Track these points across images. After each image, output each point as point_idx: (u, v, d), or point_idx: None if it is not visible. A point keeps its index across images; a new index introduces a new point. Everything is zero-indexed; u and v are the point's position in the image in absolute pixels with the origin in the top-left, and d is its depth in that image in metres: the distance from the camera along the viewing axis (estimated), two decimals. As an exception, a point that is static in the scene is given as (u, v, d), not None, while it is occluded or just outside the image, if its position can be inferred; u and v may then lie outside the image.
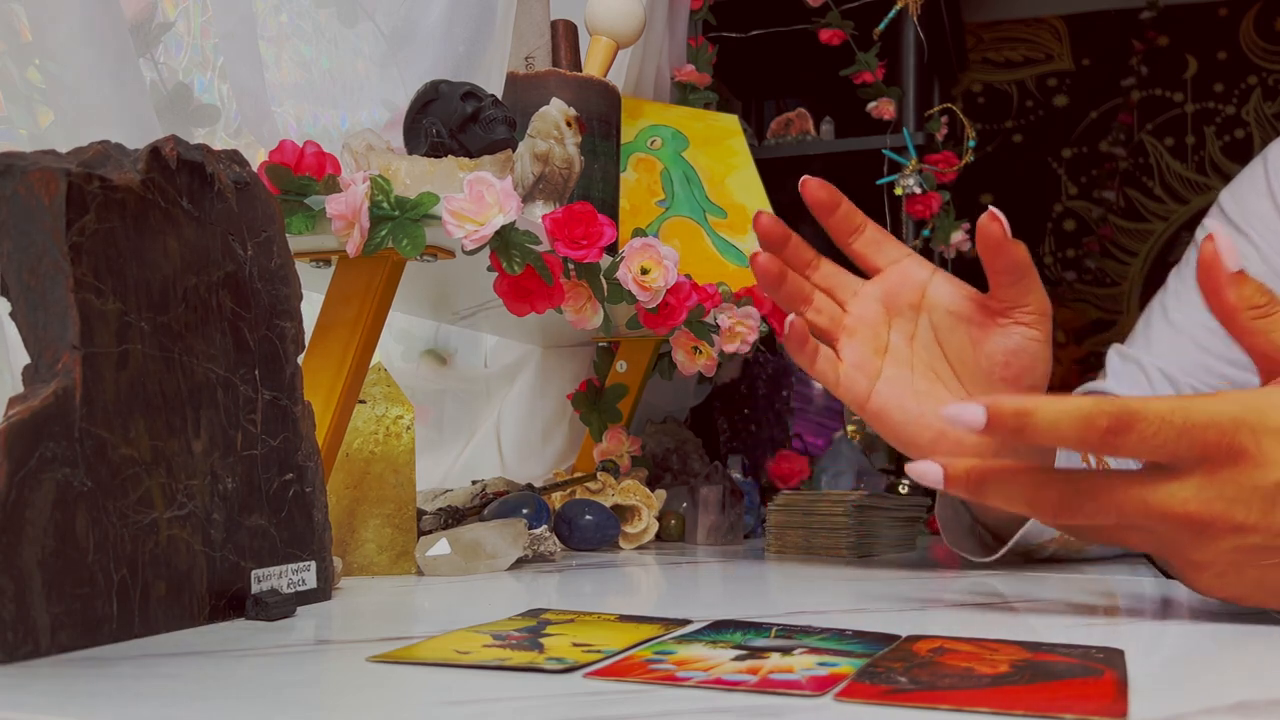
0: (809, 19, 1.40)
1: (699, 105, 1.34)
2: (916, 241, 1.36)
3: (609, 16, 0.93)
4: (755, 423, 1.30)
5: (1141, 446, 0.45)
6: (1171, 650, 0.45)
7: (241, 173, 0.51)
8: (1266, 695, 0.35)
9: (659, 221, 1.12)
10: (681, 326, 0.87)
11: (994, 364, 0.62)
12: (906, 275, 0.65)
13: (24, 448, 0.38)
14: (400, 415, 0.70)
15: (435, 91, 0.70)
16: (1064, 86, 2.83)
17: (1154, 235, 2.76)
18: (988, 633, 0.45)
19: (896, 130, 1.36)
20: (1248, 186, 0.93)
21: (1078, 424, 0.45)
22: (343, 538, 0.67)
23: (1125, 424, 0.45)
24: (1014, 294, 0.60)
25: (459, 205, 0.63)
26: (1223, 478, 0.45)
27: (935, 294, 0.64)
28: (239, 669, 0.38)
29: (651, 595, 0.65)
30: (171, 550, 0.45)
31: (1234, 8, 2.70)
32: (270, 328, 0.52)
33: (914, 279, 0.65)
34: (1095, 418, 0.45)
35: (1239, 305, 0.50)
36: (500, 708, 0.33)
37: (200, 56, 0.91)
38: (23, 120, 0.74)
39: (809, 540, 0.86)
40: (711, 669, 0.37)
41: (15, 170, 0.41)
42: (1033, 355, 0.61)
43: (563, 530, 0.87)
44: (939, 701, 0.33)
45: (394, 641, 0.43)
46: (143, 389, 0.44)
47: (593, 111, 0.89)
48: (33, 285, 0.41)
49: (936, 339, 0.64)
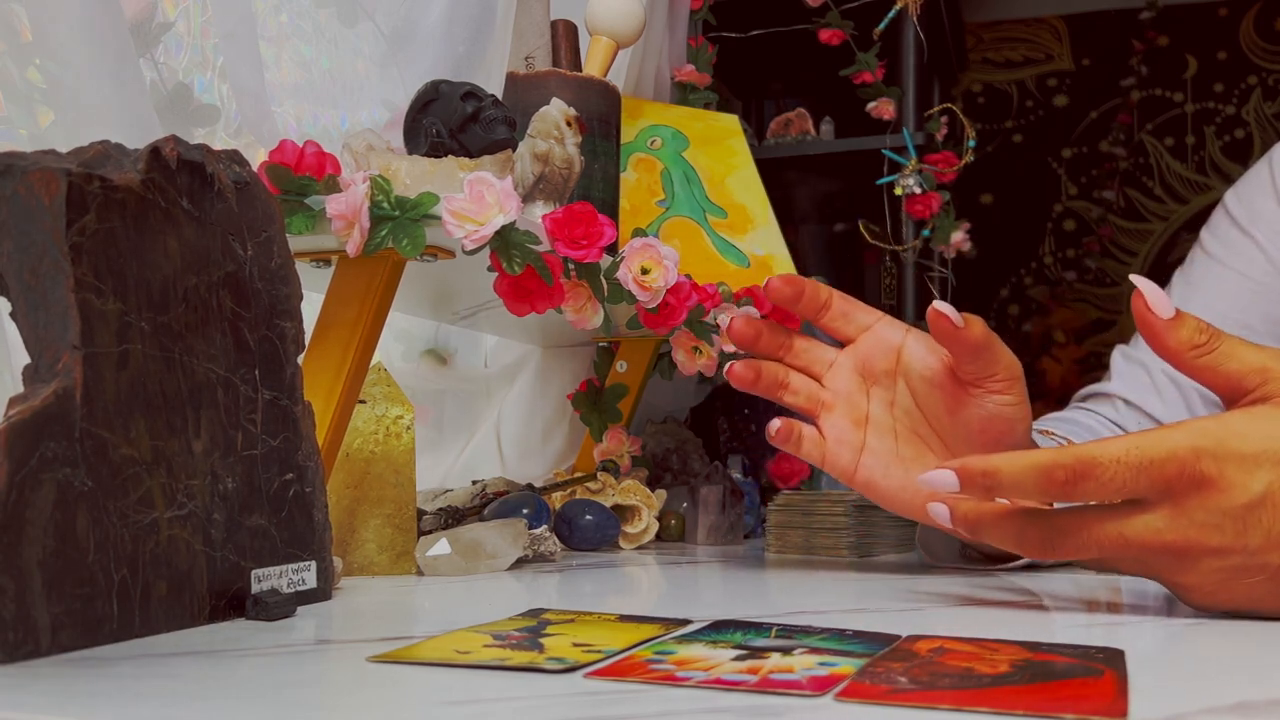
0: (809, 19, 1.40)
1: (699, 105, 1.34)
2: (916, 241, 1.36)
3: (609, 16, 0.92)
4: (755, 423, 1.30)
5: (1101, 491, 0.47)
6: (1171, 650, 0.45)
7: (241, 173, 0.51)
8: (1266, 695, 0.35)
9: (659, 221, 1.12)
10: (681, 326, 0.87)
11: (971, 431, 0.62)
12: (879, 341, 0.65)
13: (24, 448, 0.38)
14: (400, 415, 0.70)
15: (435, 91, 0.70)
16: (1064, 86, 2.83)
17: (1154, 235, 2.76)
18: (988, 633, 0.45)
19: (896, 130, 1.36)
20: (1254, 187, 0.93)
21: (1039, 478, 0.48)
22: (343, 538, 0.67)
23: (1081, 473, 0.47)
24: (979, 368, 0.61)
25: (459, 205, 0.63)
26: (1192, 505, 0.47)
27: (909, 358, 0.64)
28: (239, 669, 0.38)
29: (651, 595, 0.65)
30: (172, 550, 0.45)
31: (1234, 8, 2.70)
32: (270, 328, 0.52)
33: (887, 343, 0.65)
34: (1053, 470, 0.47)
35: (1181, 348, 0.51)
36: (500, 708, 0.33)
37: (200, 56, 0.91)
38: (23, 120, 0.74)
39: (809, 540, 0.86)
40: (711, 669, 0.37)
41: (15, 170, 0.41)
42: (1009, 419, 0.62)
43: (563, 530, 0.87)
44: (939, 701, 0.33)
45: (394, 641, 0.43)
46: (143, 389, 0.44)
47: (593, 111, 0.89)
48: (33, 285, 0.41)
49: (916, 404, 0.64)
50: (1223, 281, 0.91)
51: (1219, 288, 0.91)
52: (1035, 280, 2.83)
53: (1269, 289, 0.90)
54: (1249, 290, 0.91)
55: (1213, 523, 0.47)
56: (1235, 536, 0.47)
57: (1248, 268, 0.91)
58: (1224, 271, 0.92)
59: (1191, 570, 0.48)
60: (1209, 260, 0.93)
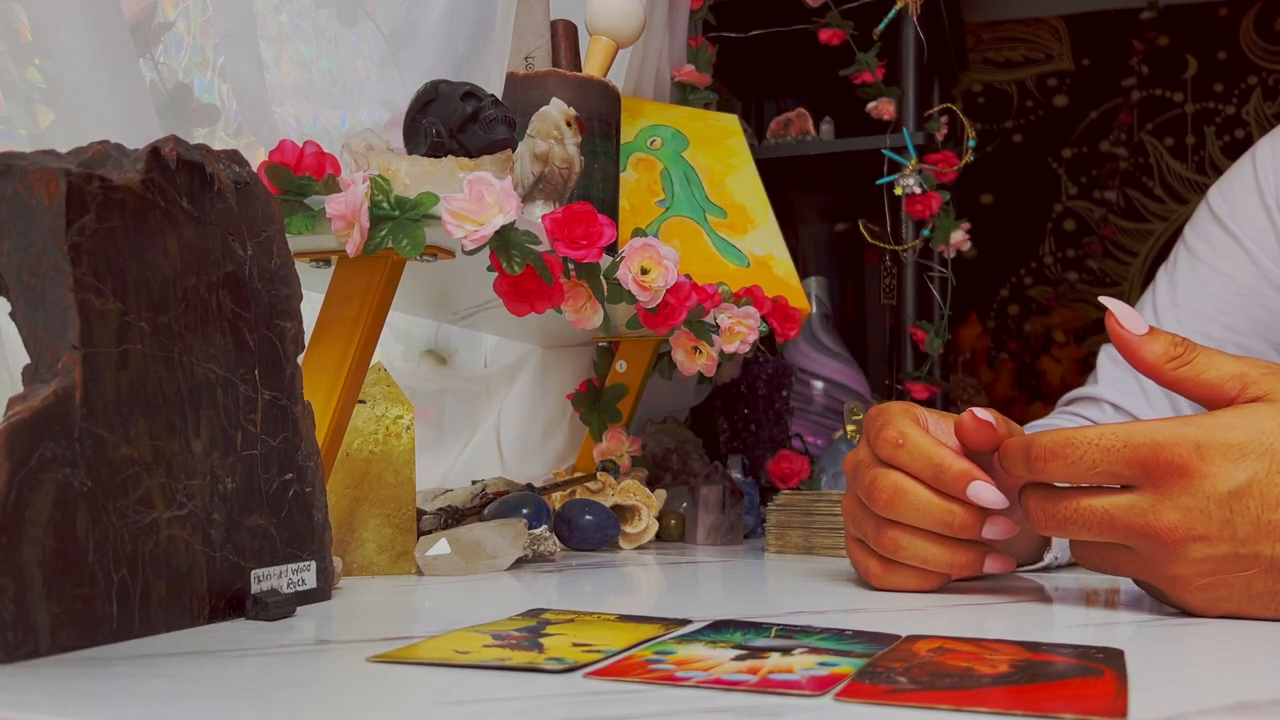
0: (809, 19, 1.40)
1: (699, 105, 1.34)
2: (917, 241, 1.36)
3: (609, 16, 0.92)
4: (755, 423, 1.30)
5: (1072, 471, 0.50)
6: (1171, 650, 0.45)
7: (241, 173, 0.51)
8: (1266, 695, 0.35)
9: (659, 221, 1.12)
10: (681, 326, 0.87)
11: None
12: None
13: (24, 448, 0.38)
14: (400, 415, 0.70)
15: (435, 91, 0.70)
16: (1064, 86, 2.83)
17: (1154, 235, 2.76)
18: (988, 633, 0.45)
19: (896, 130, 1.36)
20: (1237, 185, 0.93)
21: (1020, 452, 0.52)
22: (343, 538, 0.67)
23: (1051, 452, 0.50)
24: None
25: (459, 205, 0.63)
26: (1174, 490, 0.48)
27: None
28: (239, 669, 0.38)
29: (651, 595, 0.65)
30: (171, 550, 0.45)
31: (1234, 8, 2.70)
32: (270, 328, 0.52)
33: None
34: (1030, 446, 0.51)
35: (1157, 362, 0.52)
36: (500, 708, 0.33)
37: (200, 56, 0.91)
38: (23, 120, 0.74)
39: (809, 540, 0.86)
40: (711, 669, 0.37)
41: (15, 170, 0.41)
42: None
43: (563, 530, 0.87)
44: (939, 701, 0.33)
45: (394, 641, 0.43)
46: (143, 389, 0.44)
47: (593, 111, 0.89)
48: (33, 285, 0.41)
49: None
50: (1208, 284, 0.91)
51: (1204, 290, 0.91)
52: (1035, 280, 2.83)
53: (1254, 291, 0.90)
54: (1233, 292, 0.90)
55: (1198, 508, 0.47)
56: (1221, 524, 0.47)
57: (1233, 270, 0.90)
58: (1209, 273, 0.91)
59: (1179, 559, 0.48)
60: (1194, 261, 0.93)
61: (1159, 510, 0.48)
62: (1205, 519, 0.47)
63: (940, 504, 0.57)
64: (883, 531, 0.59)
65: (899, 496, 0.57)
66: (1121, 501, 0.49)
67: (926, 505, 0.57)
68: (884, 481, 0.58)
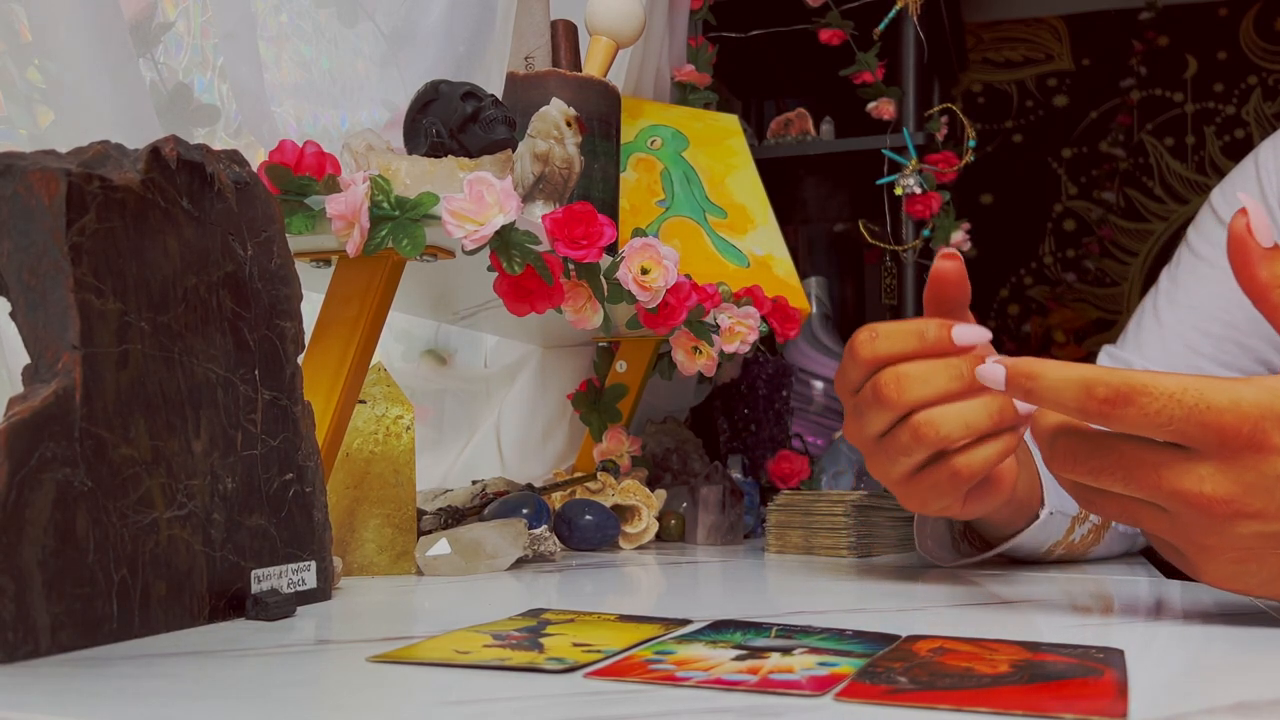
0: (809, 19, 1.40)
1: (699, 105, 1.34)
2: (917, 241, 1.36)
3: (609, 16, 0.92)
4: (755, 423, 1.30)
5: (1144, 422, 0.44)
6: (1171, 650, 0.45)
7: (241, 173, 0.51)
8: (1266, 695, 0.35)
9: (659, 221, 1.12)
10: (681, 326, 0.87)
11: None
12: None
13: (24, 448, 0.38)
14: (400, 415, 0.70)
15: (435, 91, 0.70)
16: (1064, 86, 2.83)
17: (1154, 235, 2.76)
18: (988, 633, 0.45)
19: (896, 130, 1.36)
20: (1239, 186, 0.93)
21: (1078, 391, 0.45)
22: (343, 538, 0.67)
23: (1125, 396, 0.44)
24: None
25: (459, 205, 0.63)
26: (1243, 464, 0.44)
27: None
28: (239, 669, 0.38)
29: (651, 595, 0.65)
30: (171, 550, 0.45)
31: (1234, 8, 2.70)
32: (270, 328, 0.52)
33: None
34: (1094, 386, 0.45)
35: (1271, 283, 0.48)
36: (500, 708, 0.33)
37: (200, 56, 0.91)
38: (23, 120, 0.74)
39: (809, 540, 0.86)
40: (711, 669, 0.37)
41: (15, 170, 0.41)
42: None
43: (563, 530, 0.87)
44: (939, 701, 0.33)
45: (394, 641, 0.43)
46: (143, 389, 0.44)
47: (593, 111, 0.89)
48: (33, 285, 0.41)
49: None
50: (1209, 281, 0.91)
51: (1206, 288, 0.91)
52: (1035, 280, 2.83)
53: None
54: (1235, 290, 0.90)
55: (1262, 485, 0.44)
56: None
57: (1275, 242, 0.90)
58: (1211, 271, 0.91)
59: (1223, 531, 0.45)
60: (1196, 260, 0.93)
61: (1217, 480, 0.44)
62: (1267, 497, 0.44)
63: (941, 363, 0.56)
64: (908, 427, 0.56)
65: (903, 379, 0.55)
66: (1176, 464, 0.45)
67: (930, 371, 0.55)
68: (884, 378, 0.56)
